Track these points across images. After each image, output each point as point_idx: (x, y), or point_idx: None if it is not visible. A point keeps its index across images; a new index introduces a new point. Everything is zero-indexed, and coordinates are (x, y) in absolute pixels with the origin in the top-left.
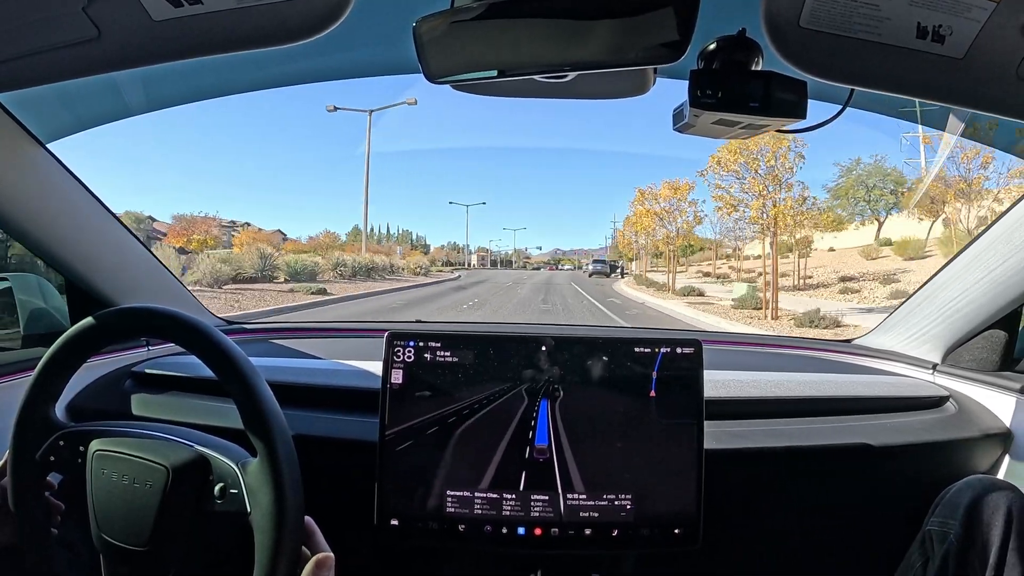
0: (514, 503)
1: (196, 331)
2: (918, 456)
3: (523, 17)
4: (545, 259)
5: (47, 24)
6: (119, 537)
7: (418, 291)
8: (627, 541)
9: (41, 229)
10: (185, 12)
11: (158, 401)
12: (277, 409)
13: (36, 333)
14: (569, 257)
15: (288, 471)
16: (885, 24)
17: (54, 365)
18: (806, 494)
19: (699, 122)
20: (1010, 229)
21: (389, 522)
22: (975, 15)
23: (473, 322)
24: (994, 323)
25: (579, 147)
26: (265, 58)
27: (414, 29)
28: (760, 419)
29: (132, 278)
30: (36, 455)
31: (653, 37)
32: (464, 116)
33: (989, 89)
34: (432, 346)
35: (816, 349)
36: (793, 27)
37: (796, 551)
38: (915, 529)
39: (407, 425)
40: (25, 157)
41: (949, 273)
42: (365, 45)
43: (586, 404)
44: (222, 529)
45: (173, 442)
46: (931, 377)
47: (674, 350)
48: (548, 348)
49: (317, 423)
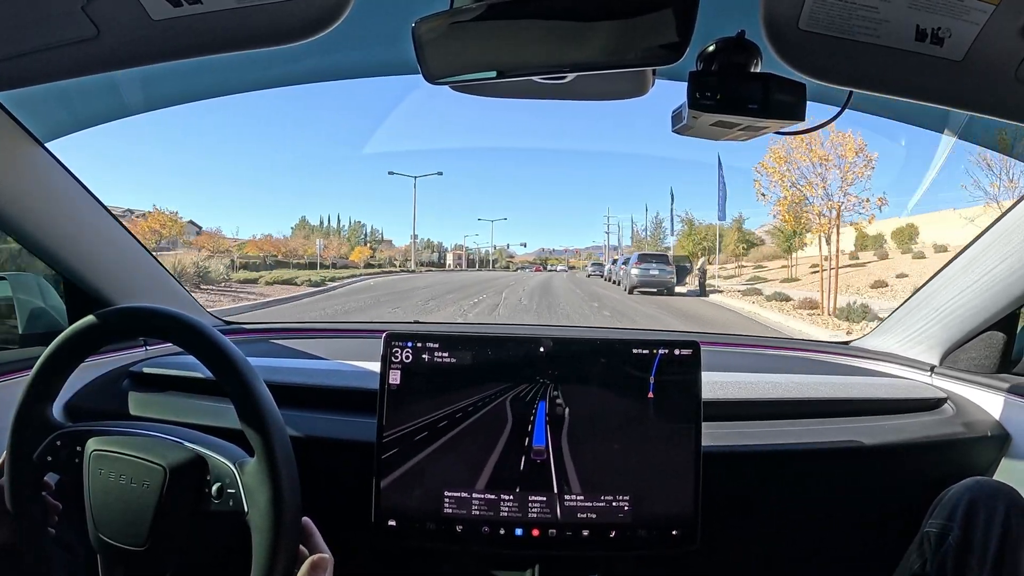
0: (512, 504)
1: (193, 331)
2: (916, 458)
3: (522, 18)
4: (531, 259)
5: (46, 23)
6: (116, 537)
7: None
8: (625, 542)
9: (39, 228)
10: (184, 12)
11: (156, 401)
12: (274, 409)
13: (34, 332)
14: (558, 256)
15: (285, 471)
16: (884, 26)
17: (52, 364)
18: (804, 496)
19: (698, 124)
20: (1008, 231)
21: (387, 523)
22: (974, 17)
23: (471, 323)
24: (992, 325)
25: (562, 148)
26: (264, 58)
27: (413, 30)
28: (758, 421)
29: (130, 278)
30: (33, 455)
31: (652, 39)
32: (446, 115)
33: (988, 92)
34: (430, 347)
35: (814, 351)
36: (792, 29)
37: (794, 552)
38: (913, 531)
39: (405, 426)
40: (23, 156)
41: (947, 275)
42: (364, 46)
43: (584, 405)
44: (219, 529)
45: (171, 442)
46: (929, 379)
47: (672, 352)
48: (546, 349)
49: (315, 424)
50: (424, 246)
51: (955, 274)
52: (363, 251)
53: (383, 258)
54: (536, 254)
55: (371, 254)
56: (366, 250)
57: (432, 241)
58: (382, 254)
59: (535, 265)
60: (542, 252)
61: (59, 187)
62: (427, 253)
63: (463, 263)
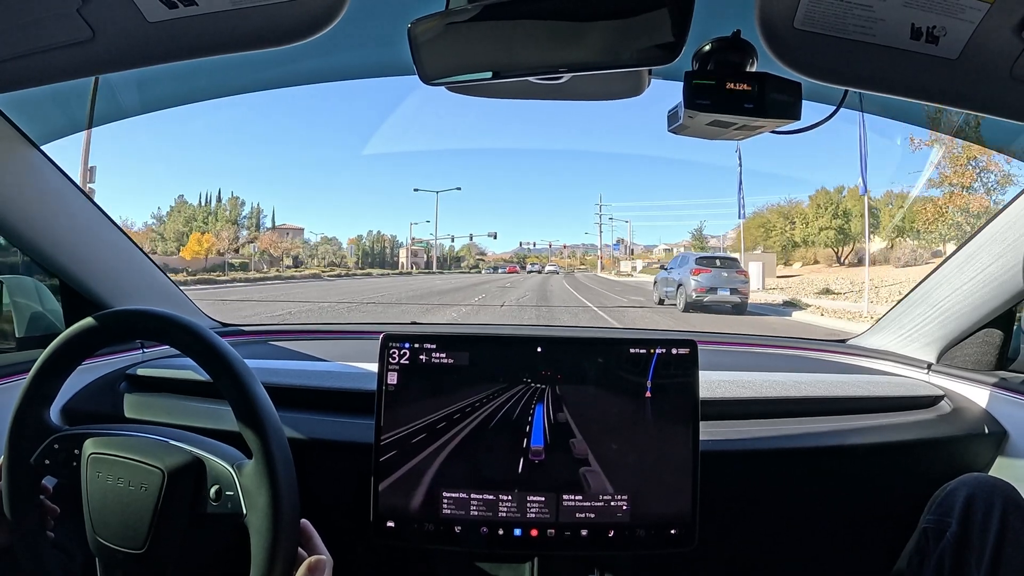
0: (510, 504)
1: (190, 333)
2: (913, 455)
3: (518, 19)
4: (509, 256)
5: (41, 25)
6: (114, 540)
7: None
8: (623, 542)
9: (35, 231)
10: (180, 13)
11: (153, 403)
12: (272, 410)
13: (31, 335)
14: (538, 254)
15: (284, 473)
16: (879, 25)
17: (49, 368)
18: (802, 494)
19: (693, 123)
20: (1003, 229)
21: (385, 524)
22: (969, 16)
23: (469, 323)
24: (988, 322)
25: (544, 147)
26: (260, 60)
27: (409, 31)
28: (755, 419)
29: (126, 280)
30: (31, 458)
31: (648, 39)
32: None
33: (983, 90)
34: (427, 347)
35: (811, 349)
36: (787, 28)
37: (792, 550)
38: (911, 527)
39: (403, 427)
40: (19, 159)
41: (943, 273)
42: (360, 47)
43: (582, 405)
44: (218, 531)
45: (168, 444)
46: (926, 376)
47: (669, 351)
48: (544, 349)
49: (313, 425)
50: (375, 238)
51: (951, 272)
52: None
53: (292, 252)
54: (514, 251)
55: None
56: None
57: (382, 233)
58: (287, 248)
59: (509, 265)
60: (520, 248)
61: (55, 190)
62: (376, 246)
63: (424, 263)
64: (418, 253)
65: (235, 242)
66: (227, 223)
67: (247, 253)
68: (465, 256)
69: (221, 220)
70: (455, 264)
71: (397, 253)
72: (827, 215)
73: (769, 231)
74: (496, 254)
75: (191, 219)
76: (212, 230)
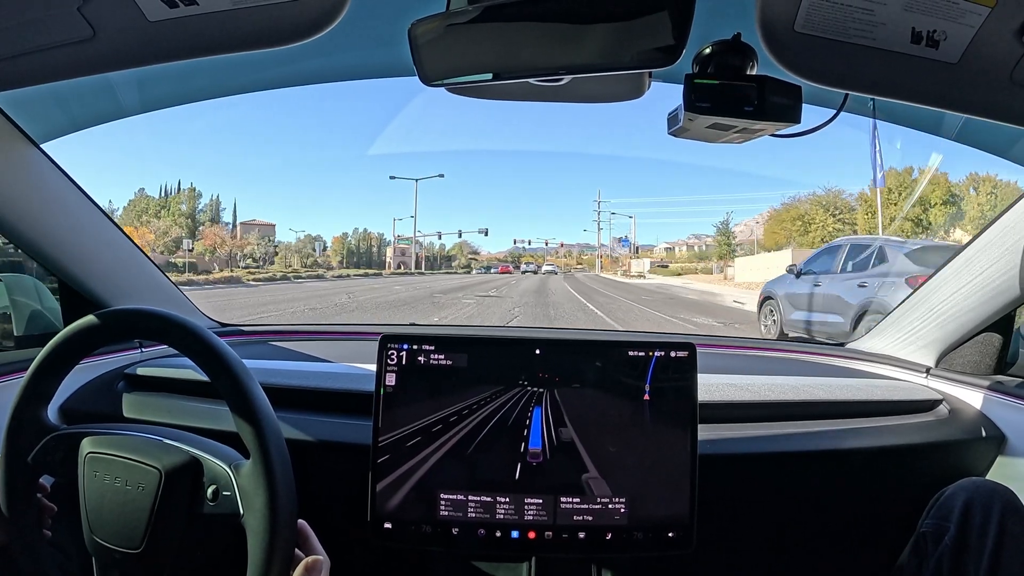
0: (508, 506)
1: (188, 333)
2: (912, 459)
3: (518, 20)
4: (502, 255)
5: (42, 24)
6: (111, 540)
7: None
8: (621, 544)
9: (34, 230)
10: (180, 13)
11: (151, 403)
12: (270, 410)
13: (29, 334)
14: (533, 253)
15: (281, 473)
16: (880, 29)
17: (47, 366)
18: (800, 497)
19: (694, 126)
20: (1002, 233)
21: (382, 525)
22: (970, 20)
23: (467, 325)
24: (987, 327)
25: (536, 149)
26: (260, 60)
27: (409, 32)
28: (754, 423)
29: (125, 279)
30: (28, 457)
31: (648, 41)
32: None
33: (983, 94)
34: (426, 349)
35: (810, 353)
36: (788, 31)
37: (790, 554)
38: (909, 531)
39: (400, 428)
40: (19, 157)
41: (942, 277)
42: (360, 48)
43: (580, 407)
44: (215, 531)
45: (166, 444)
46: (924, 380)
47: (668, 354)
48: (542, 351)
49: (311, 426)
50: (361, 235)
51: (950, 276)
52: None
53: (246, 249)
54: (509, 251)
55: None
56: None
57: (369, 231)
58: (240, 244)
59: (501, 265)
60: (515, 247)
61: (55, 188)
62: (363, 244)
63: (414, 263)
64: (405, 252)
65: (164, 237)
66: (179, 216)
67: (198, 251)
68: (457, 255)
69: (174, 213)
70: (446, 263)
71: (384, 252)
72: (901, 201)
73: (808, 224)
74: (491, 253)
75: (143, 212)
76: (158, 225)
